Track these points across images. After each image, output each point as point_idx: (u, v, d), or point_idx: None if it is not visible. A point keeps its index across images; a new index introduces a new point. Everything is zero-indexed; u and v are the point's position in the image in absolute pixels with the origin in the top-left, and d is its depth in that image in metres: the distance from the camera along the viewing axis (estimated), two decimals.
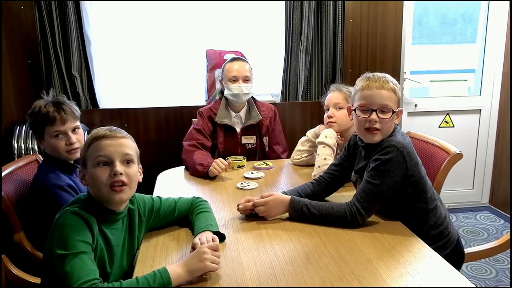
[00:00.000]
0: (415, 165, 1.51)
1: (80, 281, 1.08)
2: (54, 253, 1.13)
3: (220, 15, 3.08)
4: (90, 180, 1.27)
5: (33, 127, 1.73)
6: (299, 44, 3.06)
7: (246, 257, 1.33)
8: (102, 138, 1.27)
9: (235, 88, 2.34)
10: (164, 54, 3.09)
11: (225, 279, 1.21)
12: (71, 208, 1.22)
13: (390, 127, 1.56)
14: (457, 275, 1.21)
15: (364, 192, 1.49)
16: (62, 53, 2.83)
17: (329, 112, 2.11)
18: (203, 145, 2.32)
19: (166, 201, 1.53)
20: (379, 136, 1.56)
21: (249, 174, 2.13)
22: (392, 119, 1.54)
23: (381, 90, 1.53)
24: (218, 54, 3.06)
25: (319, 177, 1.79)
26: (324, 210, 1.53)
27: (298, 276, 1.21)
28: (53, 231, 1.20)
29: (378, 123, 1.53)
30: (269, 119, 2.47)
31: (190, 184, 2.07)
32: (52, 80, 2.85)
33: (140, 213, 1.43)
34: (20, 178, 1.80)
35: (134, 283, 1.11)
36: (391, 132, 1.57)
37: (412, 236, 1.44)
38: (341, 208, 1.52)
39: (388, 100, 1.53)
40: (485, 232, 3.19)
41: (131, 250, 1.39)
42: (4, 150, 2.62)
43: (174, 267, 1.18)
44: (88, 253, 1.15)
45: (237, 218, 1.63)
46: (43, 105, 1.69)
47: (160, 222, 1.51)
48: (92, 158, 1.26)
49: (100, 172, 1.25)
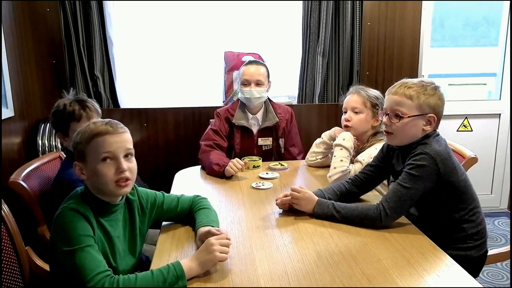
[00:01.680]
0: (451, 171, 1.52)
1: (93, 273, 1.12)
2: (60, 250, 1.16)
3: (239, 17, 3.13)
4: (93, 176, 1.28)
5: (57, 125, 1.78)
6: (316, 47, 3.08)
7: (258, 254, 1.36)
8: (105, 134, 1.27)
9: (247, 92, 2.38)
10: (183, 56, 3.15)
11: (237, 274, 1.25)
12: (68, 205, 1.24)
13: (406, 132, 1.56)
14: (466, 277, 1.23)
15: (394, 193, 1.51)
16: (85, 53, 2.92)
17: (346, 115, 2.11)
18: (219, 146, 2.36)
19: (169, 197, 1.57)
20: (394, 139, 1.60)
21: (264, 175, 2.16)
22: (407, 124, 1.55)
23: (393, 96, 1.57)
24: (236, 56, 3.11)
25: (355, 177, 1.82)
26: (350, 207, 1.58)
27: (309, 274, 1.24)
28: (54, 230, 1.22)
29: (390, 126, 1.57)
30: (285, 121, 2.50)
31: (206, 183, 2.12)
32: (76, 80, 2.94)
33: (142, 204, 1.46)
34: (44, 174, 1.87)
35: (149, 275, 1.16)
36: (413, 137, 1.57)
37: (422, 236, 1.46)
38: (367, 207, 1.56)
39: (399, 105, 1.55)
40: (503, 238, 3.16)
41: (134, 241, 1.42)
42: (29, 147, 2.72)
43: (186, 261, 1.22)
44: (93, 246, 1.19)
45: (251, 216, 1.67)
46: (68, 103, 1.75)
47: (163, 216, 1.56)
48: (96, 154, 1.26)
49: (105, 168, 1.26)
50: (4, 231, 1.43)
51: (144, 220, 1.47)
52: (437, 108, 1.56)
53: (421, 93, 1.54)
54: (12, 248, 1.46)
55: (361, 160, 2.00)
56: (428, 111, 1.55)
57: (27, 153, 2.69)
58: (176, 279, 1.16)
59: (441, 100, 1.57)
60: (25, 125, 2.68)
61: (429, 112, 1.55)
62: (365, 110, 2.08)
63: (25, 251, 1.51)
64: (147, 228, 1.50)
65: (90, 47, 2.92)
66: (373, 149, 2.02)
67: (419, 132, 1.56)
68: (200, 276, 1.23)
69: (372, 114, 2.08)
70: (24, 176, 1.73)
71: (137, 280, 1.14)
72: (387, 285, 1.18)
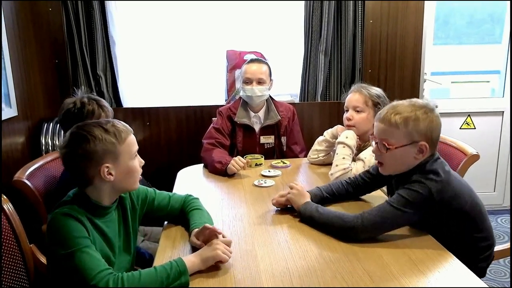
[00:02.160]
0: (452, 198, 1.41)
1: (94, 272, 1.12)
2: (58, 255, 1.17)
3: (241, 16, 3.13)
4: (126, 174, 1.31)
5: (69, 123, 1.68)
6: (318, 45, 3.09)
7: (260, 250, 1.37)
8: (131, 133, 1.35)
9: (248, 90, 2.39)
10: (185, 55, 3.16)
11: (239, 270, 1.26)
12: (60, 210, 1.24)
13: (397, 162, 1.47)
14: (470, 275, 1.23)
15: (379, 208, 1.42)
16: (88, 53, 2.93)
17: (348, 114, 2.12)
18: (222, 144, 2.37)
19: (160, 194, 1.58)
20: (386, 169, 1.52)
21: (267, 172, 2.17)
22: (396, 154, 1.44)
23: (380, 124, 1.47)
24: (238, 54, 3.11)
25: (354, 178, 1.79)
26: (331, 211, 1.52)
27: (310, 270, 1.25)
28: (49, 236, 1.22)
29: (379, 156, 1.50)
30: (287, 119, 2.51)
31: (208, 181, 2.13)
32: (78, 80, 2.96)
33: (133, 201, 1.48)
34: (48, 172, 1.88)
35: (153, 272, 1.17)
36: (406, 166, 1.46)
37: (425, 235, 1.46)
38: (348, 214, 1.47)
39: (386, 134, 1.45)
40: (506, 236, 3.15)
41: (128, 238, 1.44)
42: (32, 146, 2.73)
43: (188, 256, 1.25)
44: (91, 246, 1.20)
45: (253, 213, 1.68)
46: (86, 102, 1.75)
47: (154, 213, 1.55)
48: (130, 152, 1.32)
49: (137, 163, 1.35)
50: (9, 229, 1.44)
51: (135, 216, 1.48)
52: (429, 133, 1.42)
53: (410, 120, 1.40)
54: (17, 246, 1.47)
55: (363, 158, 2.01)
56: (418, 139, 1.41)
57: (31, 152, 2.70)
58: (179, 275, 1.18)
59: (435, 122, 1.43)
60: (28, 125, 2.70)
61: (419, 140, 1.41)
62: (367, 109, 2.08)
63: (29, 249, 1.52)
64: (139, 224, 1.51)
65: (92, 46, 2.93)
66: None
67: (412, 161, 1.45)
68: (203, 272, 1.24)
69: (373, 113, 2.07)
70: (28, 175, 1.74)
71: (141, 276, 1.15)
72: (388, 281, 1.19)
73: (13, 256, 1.44)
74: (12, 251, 1.44)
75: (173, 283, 1.16)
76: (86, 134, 1.25)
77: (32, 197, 1.72)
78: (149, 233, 2.09)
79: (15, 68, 2.51)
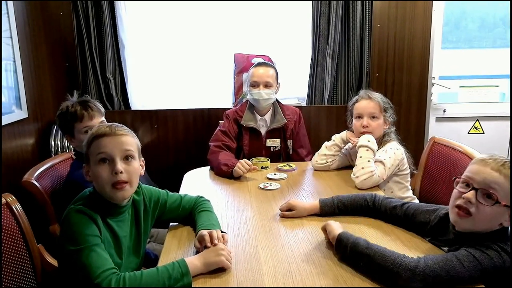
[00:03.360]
0: None
1: (99, 271, 1.14)
2: (67, 250, 1.19)
3: (248, 19, 3.16)
4: (93, 177, 1.31)
5: (63, 127, 1.84)
6: (325, 49, 3.09)
7: (264, 253, 1.38)
8: (102, 136, 1.29)
9: (255, 94, 2.41)
10: (193, 58, 3.19)
11: (243, 272, 1.27)
12: (75, 206, 1.26)
13: (486, 218, 1.23)
14: None
15: (444, 260, 1.18)
16: (98, 56, 2.98)
17: (364, 121, 2.11)
18: (228, 147, 2.39)
19: (172, 196, 1.59)
20: (468, 223, 1.25)
21: (272, 175, 2.18)
22: (494, 212, 1.21)
23: (491, 171, 1.23)
24: (246, 58, 3.13)
25: (378, 203, 1.61)
26: (380, 249, 1.25)
27: (313, 273, 1.25)
28: (62, 230, 1.26)
29: (472, 205, 1.23)
30: (293, 122, 2.51)
31: (214, 183, 2.15)
32: (88, 82, 3.00)
33: (146, 203, 1.48)
34: (56, 173, 1.92)
35: (155, 272, 1.18)
36: (489, 228, 1.24)
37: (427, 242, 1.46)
38: (400, 257, 1.20)
39: (496, 184, 1.22)
40: None
41: (139, 239, 1.45)
42: (42, 148, 2.77)
43: (191, 259, 1.25)
44: (100, 245, 1.22)
45: (257, 216, 1.69)
46: (70, 105, 1.80)
47: (166, 215, 1.57)
48: (94, 155, 1.29)
49: (101, 169, 1.28)
50: (17, 229, 1.47)
51: (148, 218, 1.49)
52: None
53: None
54: (25, 246, 1.50)
55: (383, 160, 2.01)
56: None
57: (40, 153, 2.74)
58: (181, 276, 1.19)
59: None
60: (38, 126, 2.74)
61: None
62: (381, 116, 2.11)
63: (37, 249, 1.55)
64: (151, 226, 1.53)
65: (102, 50, 2.97)
66: (389, 148, 2.06)
67: (496, 225, 1.24)
68: (206, 274, 1.25)
69: (383, 119, 2.12)
70: (37, 176, 1.78)
71: (143, 276, 1.16)
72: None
73: (21, 256, 1.47)
74: (20, 251, 1.46)
75: (176, 284, 1.17)
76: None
77: (41, 197, 1.75)
78: (155, 234, 2.10)
79: (26, 71, 2.55)
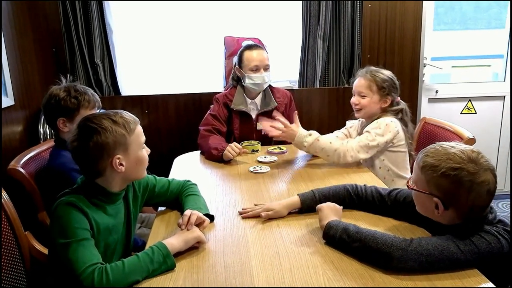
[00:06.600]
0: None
1: (84, 266, 1.12)
2: (57, 242, 1.18)
3: (238, 2, 3.10)
4: (136, 164, 1.33)
5: (60, 111, 1.72)
6: (316, 31, 3.05)
7: (251, 235, 1.38)
8: (139, 124, 1.36)
9: (258, 78, 2.36)
10: (183, 42, 3.14)
11: (230, 255, 1.26)
12: (66, 198, 1.26)
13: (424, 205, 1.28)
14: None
15: (439, 241, 1.17)
16: (85, 42, 2.92)
17: (353, 99, 2.14)
18: (218, 131, 2.37)
19: (160, 181, 1.59)
20: None
21: (263, 158, 2.17)
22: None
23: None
24: (236, 41, 3.09)
25: (362, 191, 1.55)
26: (370, 232, 1.23)
27: (300, 254, 1.25)
28: (52, 222, 1.25)
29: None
30: (284, 105, 2.49)
31: (205, 167, 2.13)
32: (76, 68, 2.96)
33: (134, 188, 1.49)
34: (43, 160, 1.89)
35: (135, 259, 1.17)
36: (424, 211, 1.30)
37: None
38: (391, 238, 1.19)
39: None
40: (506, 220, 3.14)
41: (129, 225, 1.45)
42: (30, 135, 2.74)
43: (169, 240, 1.26)
44: (89, 240, 1.21)
45: (246, 199, 1.68)
46: (73, 89, 1.73)
47: (154, 200, 1.58)
48: (139, 142, 1.34)
49: (145, 153, 1.37)
50: (4, 217, 1.45)
51: (136, 204, 1.49)
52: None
53: None
54: (12, 234, 1.48)
55: (369, 130, 2.01)
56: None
57: (29, 141, 2.71)
58: (163, 257, 1.19)
59: None
60: (26, 114, 2.70)
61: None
62: (370, 94, 2.08)
63: (25, 236, 1.53)
64: (139, 211, 1.53)
65: (89, 35, 2.92)
66: (381, 119, 2.03)
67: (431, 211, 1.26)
68: (192, 256, 1.25)
69: (378, 97, 2.07)
70: (23, 163, 1.75)
71: (125, 265, 1.15)
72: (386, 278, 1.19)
73: (8, 243, 1.45)
74: (7, 238, 1.45)
75: (160, 267, 1.17)
76: (96, 126, 1.25)
77: (28, 184, 1.73)
78: (146, 220, 2.10)
79: (11, 57, 2.50)
